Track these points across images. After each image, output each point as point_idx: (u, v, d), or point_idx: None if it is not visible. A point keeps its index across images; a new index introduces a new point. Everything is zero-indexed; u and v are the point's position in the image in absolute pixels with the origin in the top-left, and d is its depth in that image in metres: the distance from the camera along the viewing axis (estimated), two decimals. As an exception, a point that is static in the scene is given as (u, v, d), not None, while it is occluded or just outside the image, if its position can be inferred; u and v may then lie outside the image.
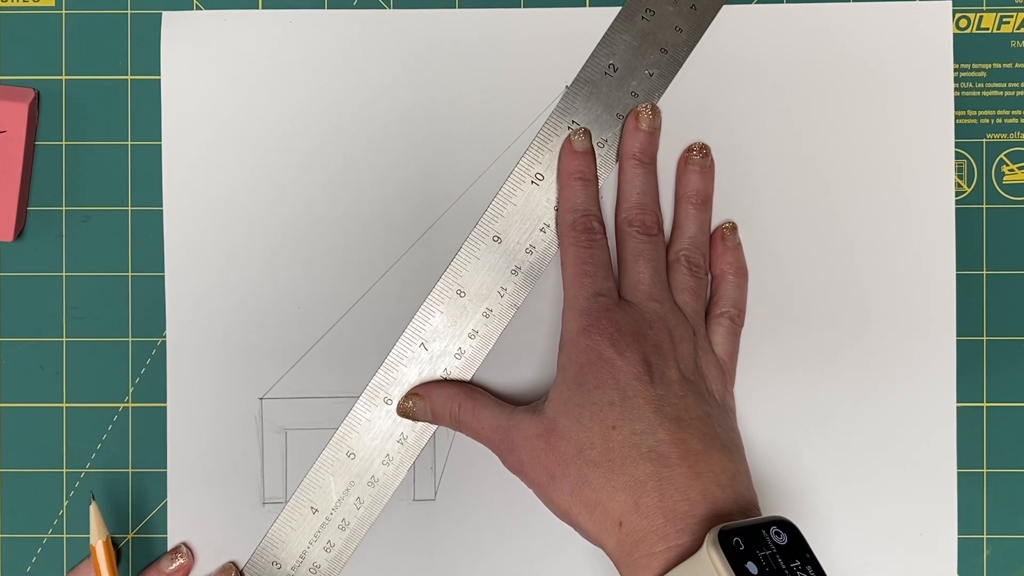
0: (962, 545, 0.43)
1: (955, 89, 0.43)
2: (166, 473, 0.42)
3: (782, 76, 0.43)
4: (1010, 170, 0.43)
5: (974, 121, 0.43)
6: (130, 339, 0.43)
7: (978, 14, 0.43)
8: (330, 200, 0.43)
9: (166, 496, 0.42)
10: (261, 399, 0.42)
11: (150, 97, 0.43)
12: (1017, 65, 0.43)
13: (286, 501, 0.42)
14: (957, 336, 0.43)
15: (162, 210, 0.43)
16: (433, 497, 0.43)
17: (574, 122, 0.42)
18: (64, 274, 0.43)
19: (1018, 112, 0.43)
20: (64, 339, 0.43)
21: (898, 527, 0.42)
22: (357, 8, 0.43)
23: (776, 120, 0.43)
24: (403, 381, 0.42)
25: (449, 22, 0.43)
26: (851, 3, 0.43)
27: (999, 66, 0.43)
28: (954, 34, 0.43)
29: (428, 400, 0.41)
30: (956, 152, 0.43)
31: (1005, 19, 0.43)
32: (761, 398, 0.42)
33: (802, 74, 0.43)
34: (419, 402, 0.41)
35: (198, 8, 0.43)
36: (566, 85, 0.42)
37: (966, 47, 0.43)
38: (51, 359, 0.43)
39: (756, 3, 0.43)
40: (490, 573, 0.42)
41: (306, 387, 0.42)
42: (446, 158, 0.43)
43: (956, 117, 0.43)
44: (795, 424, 0.42)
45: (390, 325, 0.42)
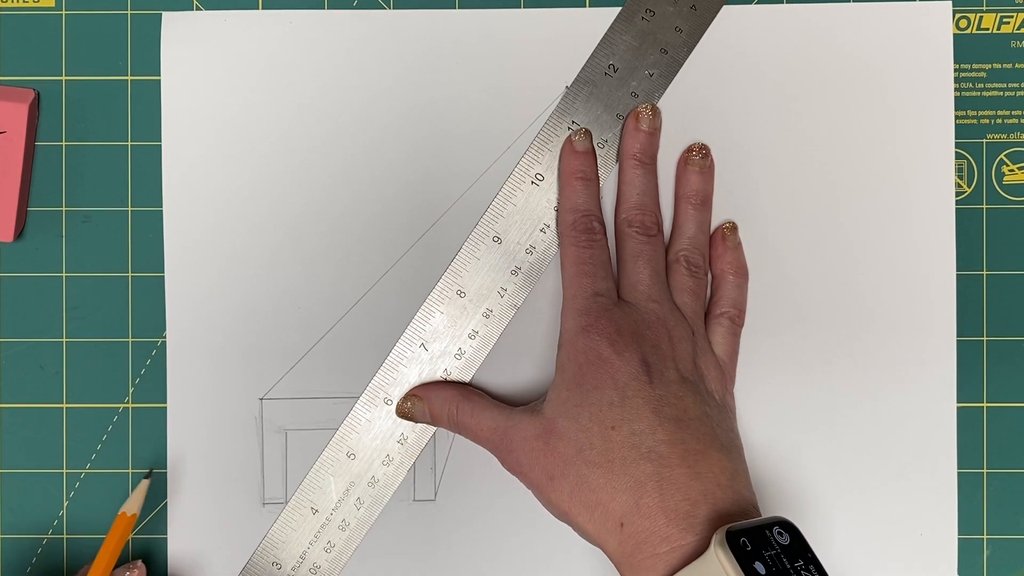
0: (962, 545, 0.43)
1: (955, 89, 0.43)
2: (166, 473, 0.42)
3: (782, 76, 0.43)
4: (1010, 170, 0.43)
5: (974, 121, 0.43)
6: (130, 339, 0.43)
7: (978, 14, 0.43)
8: (330, 200, 0.43)
9: (166, 496, 0.42)
10: (261, 399, 0.42)
11: (150, 97, 0.43)
12: (1017, 65, 0.43)
13: (286, 501, 0.42)
14: (957, 336, 0.42)
15: (162, 210, 0.43)
16: (433, 497, 0.43)
17: (574, 122, 0.42)
18: (64, 274, 0.43)
19: (1018, 112, 0.43)
20: (64, 339, 0.43)
21: (898, 527, 0.42)
22: (357, 8, 0.43)
23: (776, 120, 0.43)
24: (403, 381, 0.42)
25: (449, 22, 0.43)
26: (851, 3, 0.43)
27: (999, 66, 0.43)
28: (954, 34, 0.43)
29: (426, 402, 0.41)
30: (956, 152, 0.43)
31: (1005, 19, 0.43)
32: (761, 398, 0.42)
33: (802, 74, 0.43)
34: (417, 403, 0.41)
35: (198, 8, 0.43)
36: (566, 85, 0.42)
37: (966, 47, 0.43)
38: (51, 359, 0.43)
39: (756, 3, 0.43)
40: (490, 573, 0.42)
41: (306, 387, 0.42)
42: (446, 158, 0.43)
43: (956, 117, 0.43)
44: (795, 424, 0.42)
45: (390, 325, 0.42)
